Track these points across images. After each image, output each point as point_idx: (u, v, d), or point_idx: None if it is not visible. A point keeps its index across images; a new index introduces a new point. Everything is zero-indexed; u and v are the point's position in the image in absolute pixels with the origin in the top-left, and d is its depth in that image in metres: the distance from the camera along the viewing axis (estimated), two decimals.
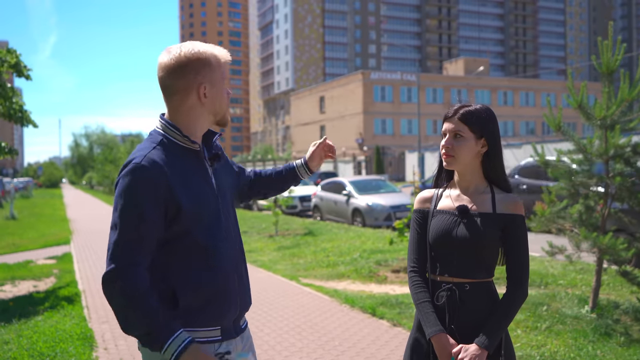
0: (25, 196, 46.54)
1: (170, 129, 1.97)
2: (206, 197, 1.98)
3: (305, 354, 5.07)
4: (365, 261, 9.49)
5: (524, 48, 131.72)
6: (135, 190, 1.84)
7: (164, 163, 1.88)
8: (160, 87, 1.99)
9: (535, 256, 9.26)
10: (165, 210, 1.87)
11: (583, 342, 4.99)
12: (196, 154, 2.00)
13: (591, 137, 5.79)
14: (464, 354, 2.05)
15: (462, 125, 2.19)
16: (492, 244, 2.17)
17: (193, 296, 1.91)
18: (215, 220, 2.00)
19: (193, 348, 1.81)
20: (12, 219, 23.44)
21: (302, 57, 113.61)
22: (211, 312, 1.94)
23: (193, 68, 1.93)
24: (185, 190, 1.90)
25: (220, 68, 1.99)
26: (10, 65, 7.57)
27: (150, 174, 1.84)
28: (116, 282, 1.80)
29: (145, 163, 1.85)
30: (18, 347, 5.24)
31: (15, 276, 9.68)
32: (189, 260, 1.92)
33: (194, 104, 1.97)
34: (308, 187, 23.64)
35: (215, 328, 1.95)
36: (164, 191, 1.86)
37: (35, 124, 8.21)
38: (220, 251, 1.98)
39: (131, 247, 1.83)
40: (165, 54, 1.96)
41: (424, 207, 2.33)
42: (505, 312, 2.13)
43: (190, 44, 1.97)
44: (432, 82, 66.74)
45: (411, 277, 2.30)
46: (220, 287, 1.97)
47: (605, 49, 5.72)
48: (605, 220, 5.81)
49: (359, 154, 58.25)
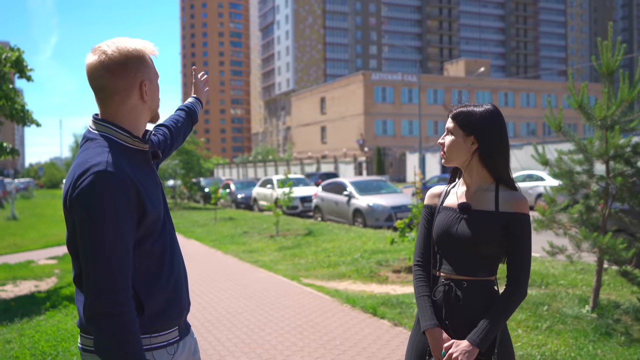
0: (26, 197, 46.63)
1: (117, 131, 1.83)
2: (158, 199, 1.89)
3: (307, 353, 5.09)
4: (366, 261, 9.51)
5: (525, 49, 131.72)
6: (109, 201, 1.67)
7: (125, 167, 1.75)
8: (93, 88, 1.85)
9: (536, 256, 9.28)
10: (136, 218, 1.76)
11: (583, 342, 5.00)
12: (144, 156, 1.90)
13: (592, 137, 5.81)
14: (454, 349, 2.07)
15: (452, 122, 2.26)
16: (492, 242, 2.16)
17: (156, 301, 1.84)
18: (167, 221, 1.94)
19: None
20: (13, 220, 23.48)
21: (303, 58, 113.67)
22: (171, 314, 1.90)
23: (133, 66, 1.83)
24: (147, 194, 1.80)
25: (152, 63, 1.92)
26: (11, 61, 7.59)
27: (120, 180, 1.70)
28: (110, 313, 1.67)
29: (110, 169, 1.70)
30: (20, 346, 5.26)
31: (17, 276, 9.71)
32: (150, 265, 1.84)
33: (135, 103, 1.87)
34: (309, 187, 23.67)
35: (173, 329, 1.92)
36: (135, 196, 1.74)
37: (38, 122, 8.24)
38: (174, 252, 1.94)
39: (119, 269, 1.69)
40: (97, 54, 1.82)
41: (432, 203, 2.37)
42: (501, 311, 2.12)
43: (121, 40, 1.87)
44: (433, 83, 66.75)
45: (415, 271, 2.33)
46: (177, 289, 1.93)
47: (605, 50, 5.74)
48: (606, 220, 5.82)
49: (360, 154, 58.27)
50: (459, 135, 2.23)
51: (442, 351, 2.10)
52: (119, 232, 1.69)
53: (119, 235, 1.69)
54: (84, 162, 1.74)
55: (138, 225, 1.77)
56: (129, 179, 1.73)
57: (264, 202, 23.52)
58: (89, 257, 1.69)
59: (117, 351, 1.68)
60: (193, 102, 2.62)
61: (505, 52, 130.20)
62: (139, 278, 1.81)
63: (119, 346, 1.67)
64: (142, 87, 1.87)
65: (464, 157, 2.25)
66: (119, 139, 1.83)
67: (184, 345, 1.96)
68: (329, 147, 67.91)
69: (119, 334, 1.67)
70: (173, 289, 1.91)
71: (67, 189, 1.75)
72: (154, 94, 1.93)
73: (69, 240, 1.82)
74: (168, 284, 1.89)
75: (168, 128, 2.40)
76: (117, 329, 1.67)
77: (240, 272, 9.35)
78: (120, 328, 1.68)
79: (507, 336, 2.22)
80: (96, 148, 1.78)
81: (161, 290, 1.86)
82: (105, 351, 1.69)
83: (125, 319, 1.68)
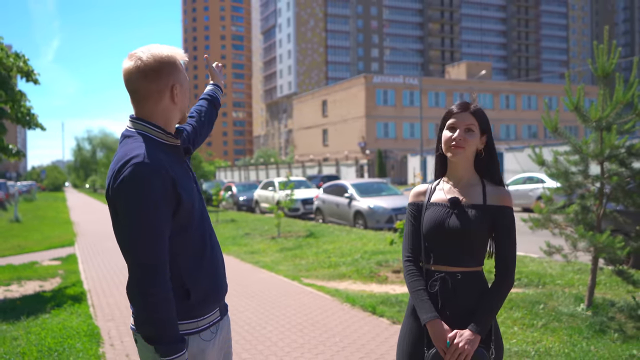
0: (28, 199, 46.72)
1: (151, 128, 2.02)
2: (192, 190, 2.04)
3: (307, 349, 5.19)
4: (366, 262, 9.61)
5: (527, 52, 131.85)
6: (149, 189, 1.85)
7: (162, 159, 1.93)
8: (129, 91, 2.03)
9: (534, 257, 9.39)
10: (173, 206, 1.93)
11: (578, 339, 5.11)
12: (177, 150, 2.08)
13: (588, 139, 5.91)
14: (459, 338, 2.18)
15: (474, 119, 2.34)
16: (482, 234, 2.30)
17: (201, 286, 2.02)
18: (203, 210, 2.12)
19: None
20: (16, 222, 23.61)
21: (305, 61, 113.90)
22: (214, 297, 2.09)
23: (165, 71, 2.01)
24: (181, 185, 1.96)
25: (183, 68, 2.10)
26: (21, 70, 7.73)
27: (157, 171, 1.87)
28: (147, 286, 1.84)
29: (147, 160, 1.87)
30: (27, 343, 5.38)
31: (22, 276, 9.82)
32: (193, 251, 2.02)
33: (167, 105, 2.04)
34: (310, 189, 23.78)
35: (215, 310, 2.12)
36: (171, 186, 1.90)
37: (43, 127, 8.37)
38: (212, 239, 2.13)
39: (157, 250, 1.86)
40: (133, 59, 2.00)
41: (418, 200, 2.46)
42: (494, 300, 2.26)
43: (155, 47, 2.04)
44: (435, 85, 66.84)
45: (407, 266, 2.41)
46: (218, 273, 2.12)
47: (601, 53, 5.85)
48: (601, 219, 5.92)
49: (362, 157, 58.36)
50: (478, 132, 2.35)
51: (447, 342, 2.20)
52: (157, 217, 1.87)
53: (156, 220, 1.87)
54: (123, 156, 1.92)
55: (175, 214, 1.94)
56: (165, 169, 1.90)
57: (266, 204, 23.63)
58: (129, 242, 1.88)
59: (153, 328, 1.86)
60: (212, 89, 2.76)
61: (506, 54, 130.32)
62: (183, 265, 1.99)
63: (155, 324, 1.85)
64: (174, 90, 2.04)
65: (472, 154, 2.38)
66: (154, 135, 2.02)
67: (223, 325, 2.17)
68: (330, 149, 68.02)
69: (155, 312, 1.85)
70: (215, 274, 2.10)
71: (109, 181, 1.92)
72: (183, 97, 2.10)
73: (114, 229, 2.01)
74: (210, 269, 2.08)
75: (194, 119, 2.57)
76: (154, 308, 1.84)
77: (242, 272, 9.46)
78: (156, 307, 1.84)
79: (497, 325, 2.35)
80: (134, 143, 1.96)
81: (204, 275, 2.05)
82: (143, 327, 1.88)
83: (161, 298, 1.85)
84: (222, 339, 2.14)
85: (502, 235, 2.30)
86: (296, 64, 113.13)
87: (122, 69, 2.02)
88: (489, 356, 2.24)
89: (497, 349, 2.29)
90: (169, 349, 1.85)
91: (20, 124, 8.18)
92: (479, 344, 2.20)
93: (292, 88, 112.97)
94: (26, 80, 7.91)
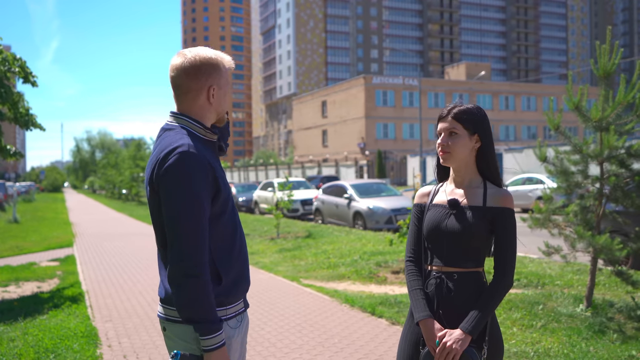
0: (27, 200, 46.66)
1: (192, 123, 2.13)
2: (226, 182, 2.15)
3: (305, 350, 5.18)
4: (365, 263, 9.59)
5: (526, 53, 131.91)
6: (192, 176, 1.96)
7: (203, 150, 2.05)
8: (172, 85, 2.16)
9: (534, 257, 9.37)
10: (212, 194, 2.04)
11: (577, 339, 5.09)
12: (213, 145, 2.20)
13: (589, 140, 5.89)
14: (448, 337, 2.19)
15: (455, 123, 2.34)
16: (481, 236, 2.29)
17: (231, 272, 2.10)
18: (234, 203, 2.21)
19: (224, 350, 1.98)
20: (14, 223, 23.57)
21: (304, 61, 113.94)
22: (242, 287, 2.16)
23: (206, 71, 2.11)
24: (219, 175, 2.08)
25: (226, 73, 2.18)
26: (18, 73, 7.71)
27: (199, 159, 1.99)
28: (193, 268, 1.93)
29: (192, 150, 1.99)
30: (24, 344, 5.36)
31: (19, 277, 9.80)
32: (225, 239, 2.11)
33: (203, 103, 2.14)
34: (310, 190, 23.76)
35: (240, 301, 2.18)
36: (211, 175, 2.02)
37: (42, 127, 8.34)
38: (241, 231, 2.21)
39: (200, 234, 1.97)
40: (180, 56, 2.13)
41: (422, 202, 2.49)
42: (489, 300, 2.24)
43: (203, 49, 2.16)
44: (434, 86, 66.83)
45: (407, 266, 2.45)
46: (245, 264, 2.20)
47: (602, 53, 5.83)
48: (600, 220, 5.91)
49: (361, 158, 58.34)
50: (465, 134, 2.33)
51: (437, 340, 2.21)
52: (199, 203, 1.97)
53: (198, 206, 1.97)
54: (168, 145, 2.02)
55: (213, 201, 2.04)
56: (206, 160, 2.02)
57: (265, 205, 23.61)
58: (173, 226, 1.96)
59: (195, 309, 1.94)
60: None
61: (506, 55, 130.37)
62: (216, 250, 2.08)
63: (197, 304, 1.94)
64: (210, 91, 2.14)
65: (466, 156, 2.36)
66: (193, 129, 2.12)
67: (245, 317, 2.22)
68: (330, 150, 68.02)
69: (197, 293, 1.94)
70: (243, 264, 2.18)
71: (153, 168, 2.03)
72: (220, 99, 2.18)
73: (153, 215, 2.10)
74: (239, 257, 2.16)
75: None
76: (196, 289, 1.94)
77: None
78: (198, 288, 1.94)
79: (497, 325, 2.33)
80: (177, 134, 2.07)
81: (235, 263, 2.13)
82: (185, 308, 1.95)
83: (202, 280, 1.95)
84: (243, 332, 2.20)
85: (501, 237, 2.30)
86: (296, 65, 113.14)
87: (170, 64, 2.16)
88: (481, 356, 2.22)
89: (493, 349, 2.26)
90: (211, 328, 1.94)
91: (18, 125, 8.16)
92: (471, 343, 2.20)
93: (291, 89, 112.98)
94: (24, 81, 7.89)
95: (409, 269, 2.43)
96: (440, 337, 2.21)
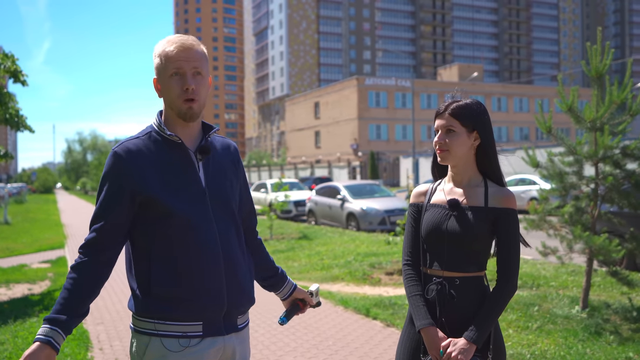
0: (19, 201, 46.40)
1: (156, 122, 2.05)
2: (186, 190, 1.95)
3: (299, 353, 5.12)
4: (359, 264, 9.55)
5: (518, 54, 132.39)
6: (106, 176, 1.96)
7: (140, 152, 1.95)
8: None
9: (528, 258, 9.36)
10: (131, 197, 1.92)
11: (573, 341, 5.06)
12: (179, 147, 1.98)
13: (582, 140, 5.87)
14: (452, 347, 2.07)
15: (453, 120, 2.22)
16: (483, 238, 2.18)
17: (165, 286, 1.91)
18: (201, 214, 1.96)
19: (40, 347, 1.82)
20: (5, 224, 23.39)
21: (297, 63, 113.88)
22: (184, 306, 1.92)
23: (154, 63, 2.01)
24: (160, 179, 1.93)
25: (167, 58, 1.95)
26: (8, 70, 7.62)
27: (120, 161, 1.93)
28: (78, 258, 1.97)
29: (118, 150, 1.95)
30: (14, 347, 5.28)
31: (10, 279, 9.69)
32: (163, 249, 1.93)
33: (161, 97, 2.05)
34: (303, 191, 23.70)
35: (193, 323, 1.94)
36: (132, 178, 1.91)
37: (32, 129, 8.26)
38: (203, 246, 1.95)
39: (97, 229, 1.95)
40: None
41: (418, 201, 2.36)
42: (494, 306, 2.14)
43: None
44: (427, 88, 66.94)
45: (405, 271, 2.32)
46: (200, 282, 1.94)
47: (594, 54, 5.81)
48: (595, 221, 5.89)
49: (354, 159, 58.35)
50: (463, 132, 2.22)
51: (440, 350, 2.10)
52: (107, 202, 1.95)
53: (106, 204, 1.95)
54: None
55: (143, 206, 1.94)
56: (132, 160, 1.94)
57: (258, 206, 23.50)
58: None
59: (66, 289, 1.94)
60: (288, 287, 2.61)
61: (498, 57, 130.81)
62: (154, 259, 1.95)
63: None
64: (156, 83, 2.03)
65: (465, 154, 2.24)
66: (153, 125, 2.06)
67: (212, 344, 1.96)
68: (323, 151, 67.97)
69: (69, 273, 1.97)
70: (190, 281, 1.93)
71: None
72: (165, 90, 2.00)
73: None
74: (183, 273, 1.93)
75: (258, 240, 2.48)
76: (70, 269, 1.96)
77: None
78: (71, 268, 1.96)
79: (499, 332, 2.24)
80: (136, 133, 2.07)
81: (172, 277, 1.93)
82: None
83: (71, 271, 1.95)
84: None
85: (504, 239, 2.19)
86: (288, 66, 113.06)
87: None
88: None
89: (497, 358, 2.17)
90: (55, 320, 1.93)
91: (8, 126, 8.07)
92: (475, 353, 2.09)
93: (284, 90, 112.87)
94: (14, 81, 7.80)
95: (407, 273, 2.30)
96: (444, 347, 2.10)
